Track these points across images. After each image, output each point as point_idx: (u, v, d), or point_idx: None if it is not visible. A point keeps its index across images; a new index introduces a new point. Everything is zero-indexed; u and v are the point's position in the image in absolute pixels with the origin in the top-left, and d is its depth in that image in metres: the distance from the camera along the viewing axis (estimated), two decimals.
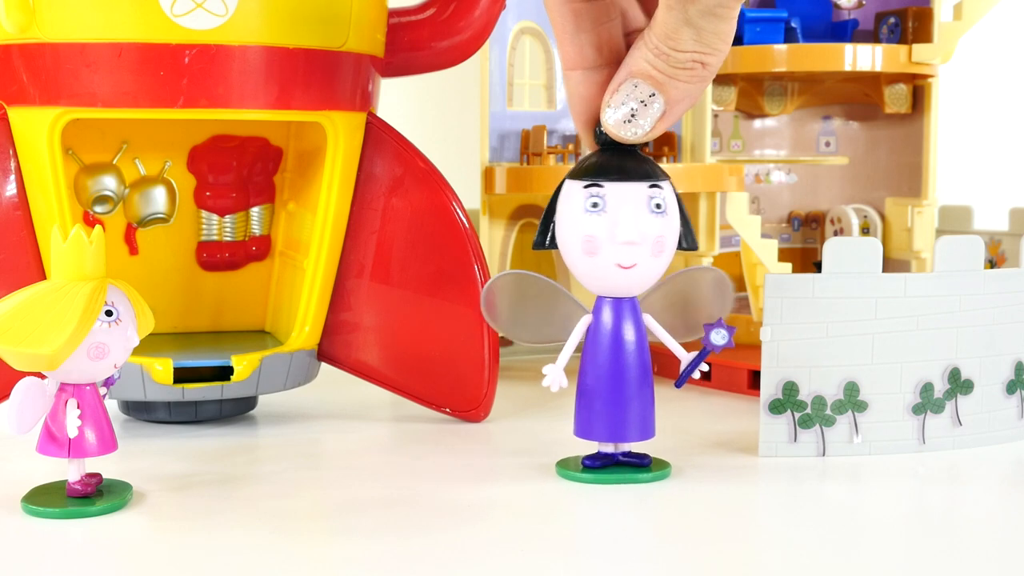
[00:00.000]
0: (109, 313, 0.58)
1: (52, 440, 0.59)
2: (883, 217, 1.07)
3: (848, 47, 0.96)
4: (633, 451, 0.67)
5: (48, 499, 0.60)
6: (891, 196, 1.07)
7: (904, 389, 0.70)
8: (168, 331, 0.84)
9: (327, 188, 0.77)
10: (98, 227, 0.59)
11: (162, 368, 0.74)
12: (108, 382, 0.61)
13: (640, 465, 0.66)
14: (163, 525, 0.59)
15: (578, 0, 0.62)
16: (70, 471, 0.60)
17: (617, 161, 0.63)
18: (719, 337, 0.65)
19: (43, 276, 0.71)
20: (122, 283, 0.60)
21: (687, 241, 0.64)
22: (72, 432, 0.58)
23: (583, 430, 0.66)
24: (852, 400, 0.69)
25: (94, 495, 0.60)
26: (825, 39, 1.02)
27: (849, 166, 1.10)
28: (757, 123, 1.11)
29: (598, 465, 0.66)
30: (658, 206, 0.62)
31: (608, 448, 0.66)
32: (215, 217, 0.83)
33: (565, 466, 0.67)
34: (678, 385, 0.66)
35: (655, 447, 0.70)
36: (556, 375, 0.64)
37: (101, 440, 0.60)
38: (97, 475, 0.62)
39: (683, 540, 0.56)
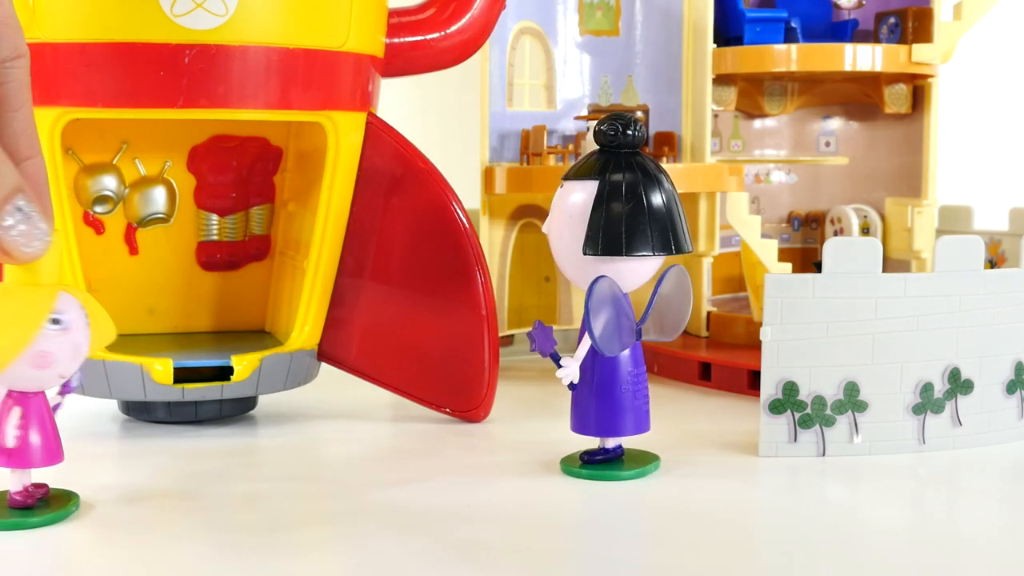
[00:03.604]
0: (56, 322, 0.55)
1: None
2: (883, 217, 1.07)
3: (848, 47, 0.96)
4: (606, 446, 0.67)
5: None
6: (891, 196, 1.07)
7: (904, 389, 0.70)
8: (168, 331, 0.84)
9: (327, 188, 0.77)
10: (57, 232, 0.56)
11: (162, 368, 0.74)
12: (65, 389, 0.59)
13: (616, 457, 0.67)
14: (162, 526, 0.59)
15: None
16: (11, 481, 0.58)
17: (583, 161, 0.66)
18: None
19: None
20: (80, 292, 0.58)
21: (587, 245, 0.63)
22: (9, 441, 0.57)
23: (579, 425, 0.67)
24: (852, 400, 0.69)
25: (35, 507, 0.59)
26: (825, 39, 1.02)
27: (849, 166, 1.10)
28: (757, 123, 1.11)
29: (597, 460, 0.66)
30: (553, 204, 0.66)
31: (610, 443, 0.67)
32: (215, 217, 0.83)
33: (568, 463, 0.67)
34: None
35: (656, 447, 0.70)
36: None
37: (46, 451, 0.58)
38: (44, 486, 0.60)
39: (683, 540, 0.56)
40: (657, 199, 0.63)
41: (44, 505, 0.59)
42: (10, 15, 0.54)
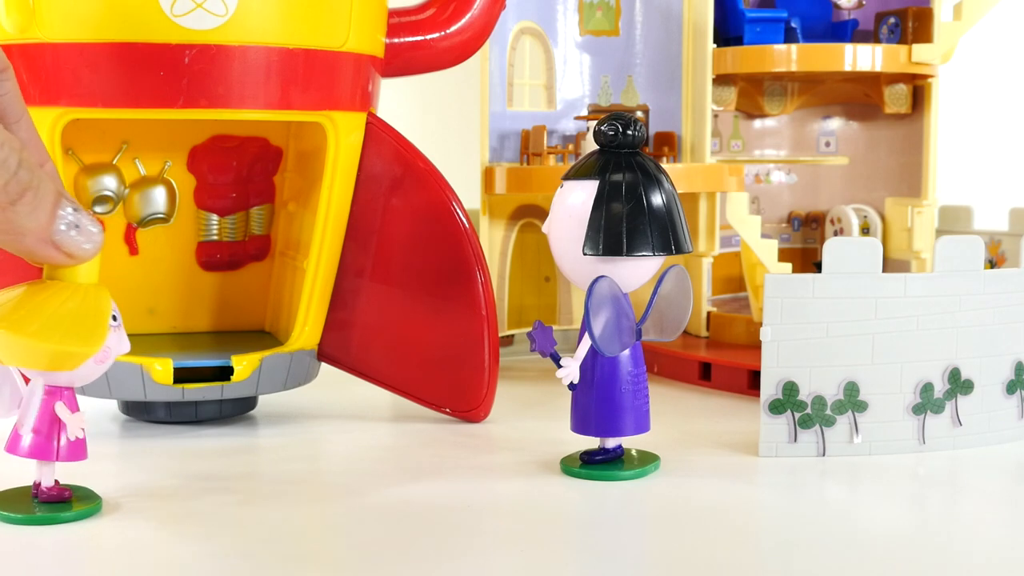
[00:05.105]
0: (114, 318, 0.57)
1: (45, 441, 0.57)
2: (883, 217, 1.07)
3: (848, 47, 0.96)
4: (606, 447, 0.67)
5: (15, 505, 0.58)
6: (891, 196, 1.07)
7: (904, 389, 0.70)
8: (168, 331, 0.84)
9: (327, 188, 0.77)
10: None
11: (162, 368, 0.74)
12: None
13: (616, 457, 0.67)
14: (161, 526, 0.59)
15: None
16: (43, 475, 0.59)
17: (583, 161, 0.66)
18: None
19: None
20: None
21: (587, 245, 0.63)
22: (78, 433, 0.57)
23: (579, 425, 0.67)
24: (852, 400, 0.69)
25: (70, 499, 0.59)
26: (825, 39, 1.02)
27: (849, 166, 1.10)
28: (757, 123, 1.11)
29: (597, 460, 0.66)
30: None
31: (610, 443, 0.67)
32: (215, 217, 0.83)
33: (568, 463, 0.67)
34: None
35: (656, 447, 0.70)
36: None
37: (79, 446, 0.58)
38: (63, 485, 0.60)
39: (682, 540, 0.56)
40: (657, 199, 0.63)
41: (43, 504, 0.59)
42: None
